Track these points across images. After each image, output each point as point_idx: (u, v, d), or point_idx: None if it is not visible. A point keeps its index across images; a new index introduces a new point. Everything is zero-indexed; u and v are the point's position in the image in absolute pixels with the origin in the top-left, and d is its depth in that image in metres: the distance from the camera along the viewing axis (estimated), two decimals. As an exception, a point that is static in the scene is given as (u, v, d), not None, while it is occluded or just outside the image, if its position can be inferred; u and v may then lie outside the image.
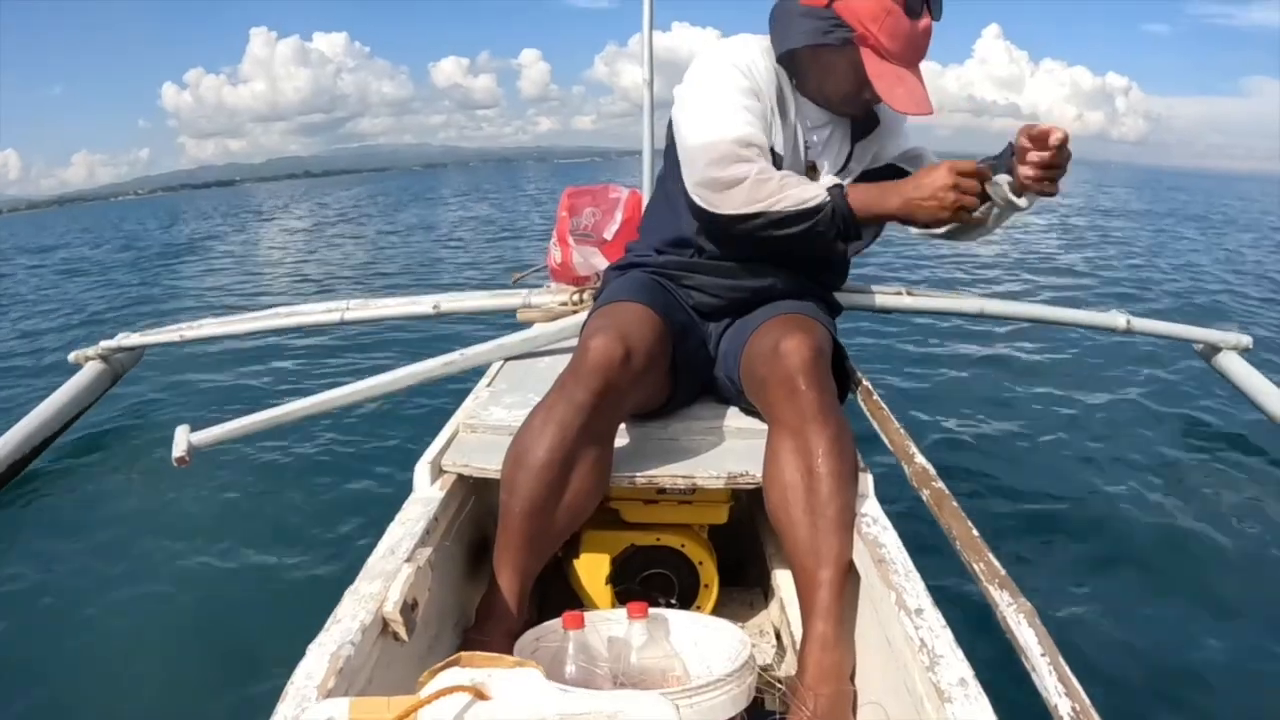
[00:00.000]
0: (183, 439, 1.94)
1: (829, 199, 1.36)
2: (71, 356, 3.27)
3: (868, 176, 1.60)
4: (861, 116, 1.57)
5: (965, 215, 1.38)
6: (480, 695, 0.70)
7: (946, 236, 1.60)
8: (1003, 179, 1.37)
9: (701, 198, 1.43)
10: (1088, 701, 0.82)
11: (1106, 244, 10.55)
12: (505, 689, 0.72)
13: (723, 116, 1.41)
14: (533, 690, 0.72)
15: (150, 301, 7.87)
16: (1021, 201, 1.36)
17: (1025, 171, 1.32)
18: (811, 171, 1.56)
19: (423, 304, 2.65)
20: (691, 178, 1.44)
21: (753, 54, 1.49)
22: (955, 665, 0.92)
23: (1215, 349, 3.17)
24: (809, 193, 1.37)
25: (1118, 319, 2.91)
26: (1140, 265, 8.59)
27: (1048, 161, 1.30)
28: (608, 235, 2.43)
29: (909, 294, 2.34)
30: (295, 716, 0.80)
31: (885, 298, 2.27)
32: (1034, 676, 0.87)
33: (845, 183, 1.43)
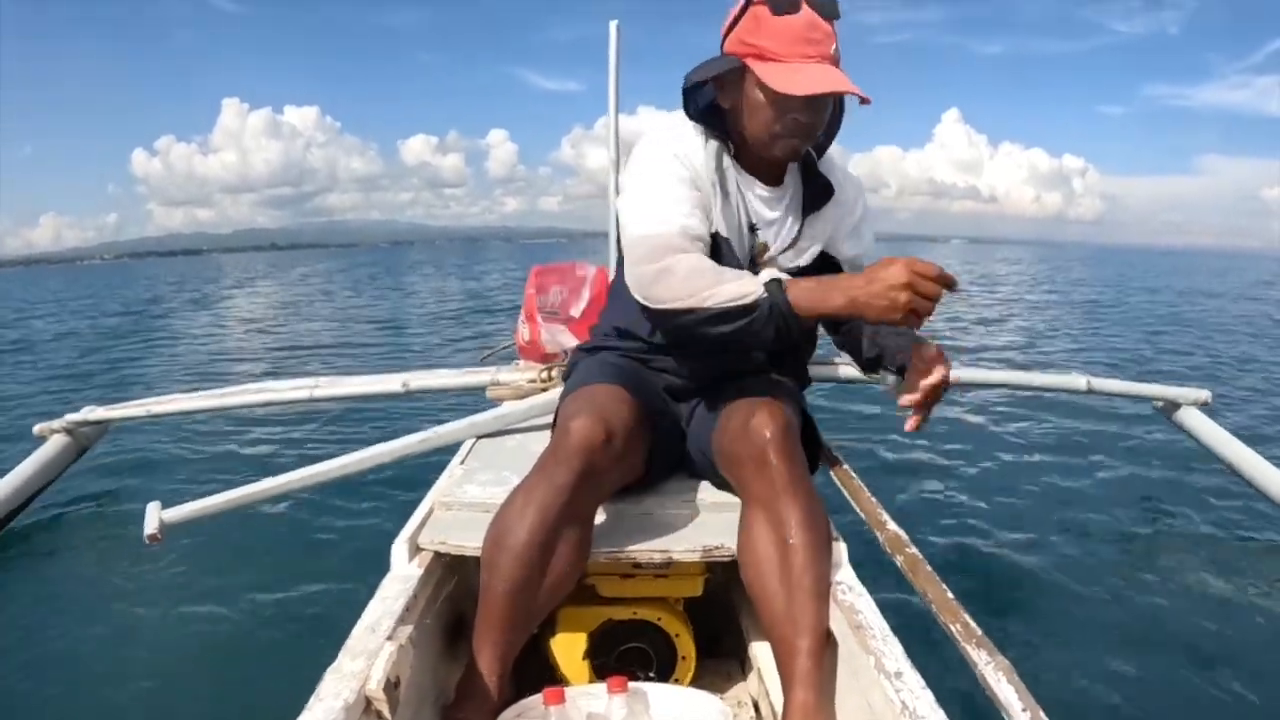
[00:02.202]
0: (154, 516, 1.92)
1: (765, 295, 1.26)
2: (36, 429, 3.21)
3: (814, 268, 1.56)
4: (801, 152, 1.47)
5: (915, 320, 1.23)
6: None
7: (865, 367, 1.59)
8: (891, 379, 1.45)
9: (638, 290, 1.37)
10: None
11: (1069, 313, 10.92)
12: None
13: (658, 208, 1.37)
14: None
15: (116, 370, 7.82)
16: (902, 400, 1.36)
17: (906, 398, 1.35)
18: (761, 254, 1.52)
19: (392, 382, 2.66)
20: (630, 270, 1.39)
21: (689, 136, 1.47)
22: None
23: (1175, 405, 3.26)
24: (745, 289, 1.27)
25: (1078, 380, 3.02)
26: (1101, 333, 8.90)
27: (926, 395, 1.33)
28: (575, 313, 2.47)
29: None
30: None
31: (851, 369, 2.32)
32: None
33: (785, 277, 1.30)
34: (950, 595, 1.13)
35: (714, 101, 1.46)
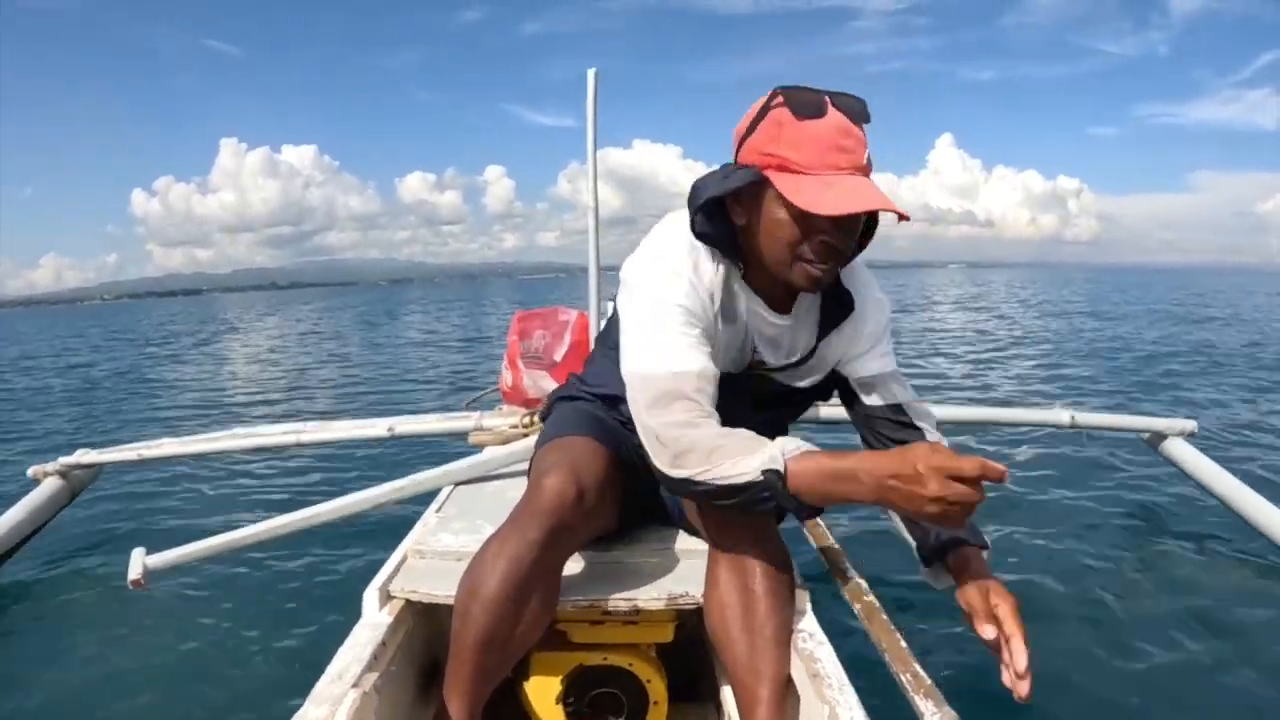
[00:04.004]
0: (138, 562, 1.96)
1: (761, 480, 1.10)
2: (30, 471, 3.26)
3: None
4: (826, 282, 1.27)
5: (952, 523, 1.04)
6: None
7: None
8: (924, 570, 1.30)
9: (645, 442, 1.25)
10: None
11: (1067, 340, 11.01)
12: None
13: (663, 346, 1.23)
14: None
15: (116, 415, 7.88)
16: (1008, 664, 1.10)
17: (1006, 678, 1.08)
18: (757, 368, 1.41)
19: (377, 427, 2.70)
20: (635, 412, 1.26)
21: (699, 254, 1.29)
22: None
23: (1161, 436, 3.28)
24: (738, 468, 1.12)
25: (1062, 415, 3.04)
26: (1096, 358, 8.98)
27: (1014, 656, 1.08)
28: (557, 358, 2.52)
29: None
30: None
31: (829, 409, 2.34)
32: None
33: (788, 455, 1.10)
34: (903, 644, 1.16)
35: (725, 212, 1.28)
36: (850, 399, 1.44)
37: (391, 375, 10.46)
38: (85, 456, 3.20)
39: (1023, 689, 1.04)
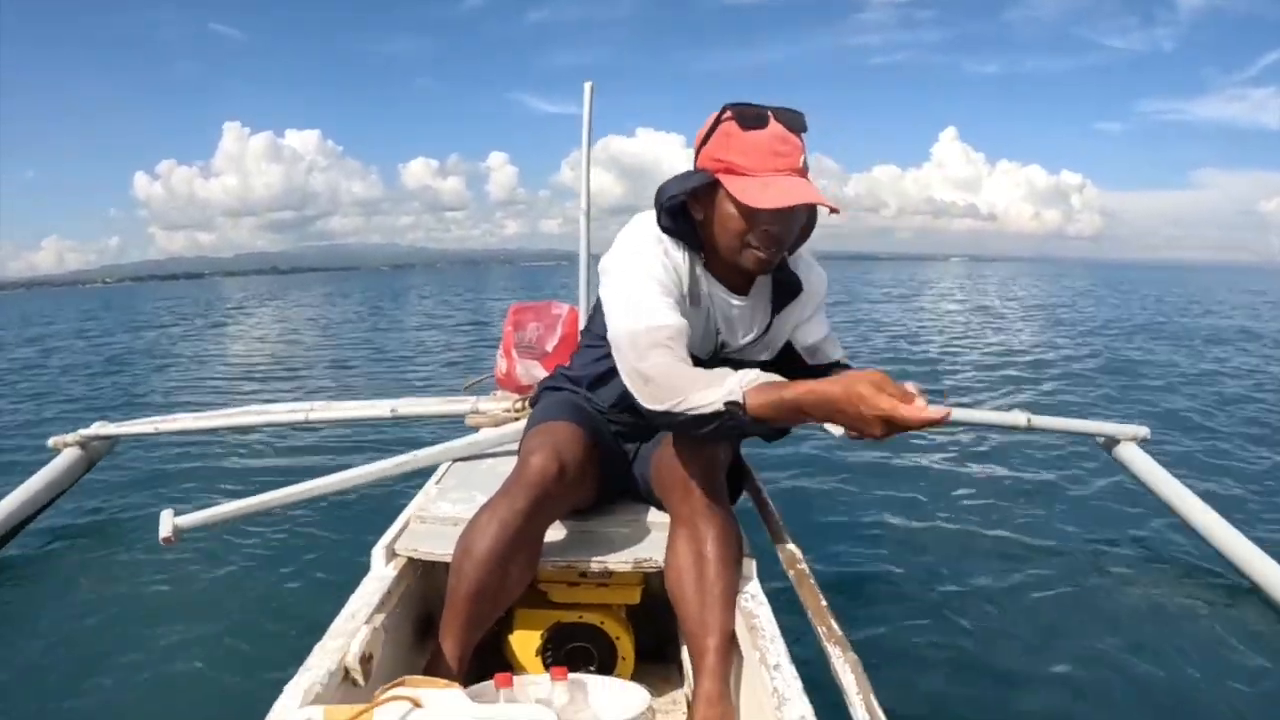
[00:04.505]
0: (168, 522, 2.15)
1: (724, 411, 1.29)
2: (50, 441, 3.42)
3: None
4: (773, 265, 1.52)
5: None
6: (416, 704, 0.95)
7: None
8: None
9: (631, 387, 1.46)
10: None
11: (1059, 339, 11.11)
12: (435, 700, 0.97)
13: (643, 302, 1.45)
14: (454, 703, 0.97)
15: (126, 390, 8.13)
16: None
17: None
18: (721, 350, 1.64)
19: (381, 408, 2.90)
20: (622, 366, 1.48)
21: (665, 244, 1.53)
22: (799, 705, 1.18)
23: (1115, 441, 3.36)
24: (707, 398, 1.30)
25: (1019, 418, 3.12)
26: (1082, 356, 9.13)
27: None
28: (549, 348, 2.70)
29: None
30: None
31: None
32: (851, 710, 1.13)
33: (744, 388, 1.28)
34: (824, 603, 1.38)
35: (687, 211, 1.52)
36: (796, 366, 1.69)
37: (395, 356, 10.83)
38: (103, 429, 3.36)
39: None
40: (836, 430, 1.59)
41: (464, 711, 0.97)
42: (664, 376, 1.38)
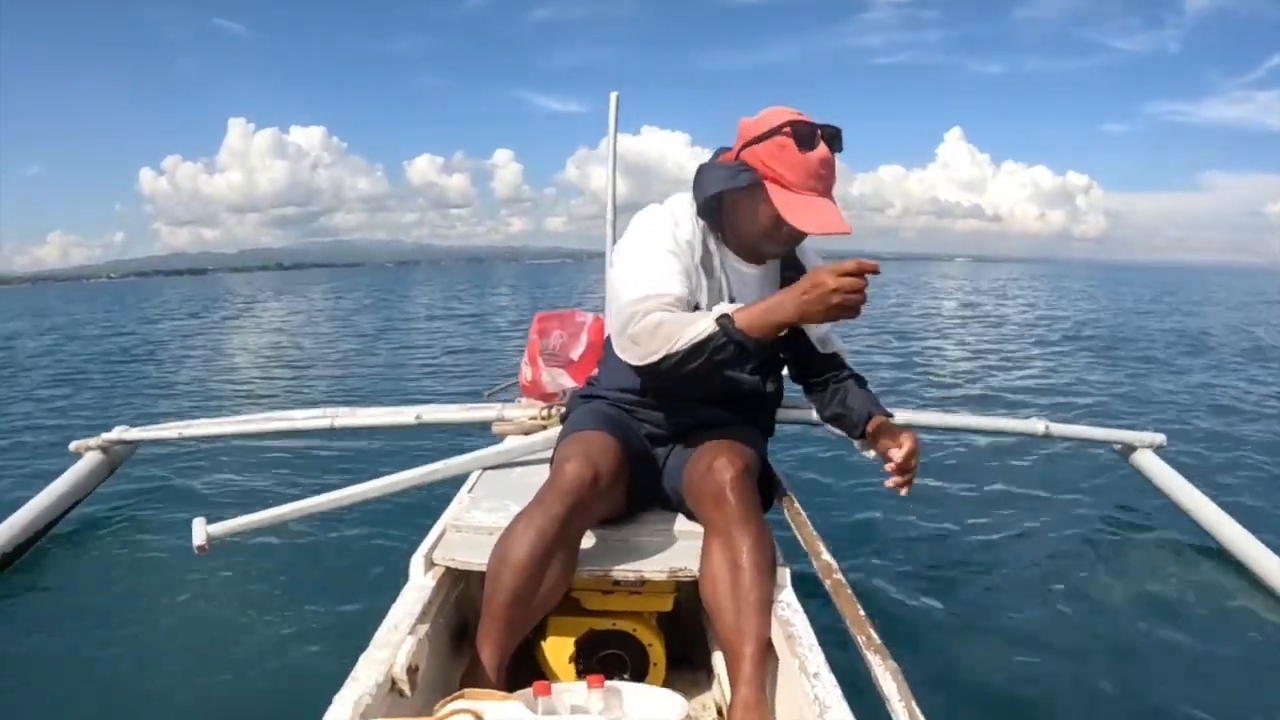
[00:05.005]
0: (200, 530, 2.17)
1: (716, 329, 1.48)
2: (73, 446, 3.44)
3: None
4: (783, 254, 1.75)
5: (851, 314, 1.45)
6: (479, 717, 0.97)
7: (829, 421, 1.90)
8: (857, 443, 1.81)
9: (622, 353, 1.61)
10: None
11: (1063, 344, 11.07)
12: (497, 713, 0.99)
13: (646, 275, 1.61)
14: (515, 715, 0.99)
15: (139, 393, 8.12)
16: (888, 483, 1.66)
17: (890, 481, 1.64)
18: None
19: (406, 415, 2.92)
20: (616, 333, 1.64)
21: (680, 216, 1.71)
22: (839, 711, 1.19)
23: (1131, 448, 3.39)
24: (699, 327, 1.49)
25: (1037, 425, 3.15)
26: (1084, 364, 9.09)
27: (900, 468, 1.62)
28: (574, 356, 2.71)
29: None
30: None
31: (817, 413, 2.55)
32: (894, 718, 1.15)
33: (731, 308, 1.52)
34: (862, 613, 1.39)
35: (716, 195, 1.66)
36: (809, 357, 1.87)
37: (408, 353, 10.87)
38: (125, 433, 3.38)
39: (893, 482, 1.63)
40: (869, 453, 1.79)
41: (526, 724, 0.99)
42: (656, 324, 1.53)
